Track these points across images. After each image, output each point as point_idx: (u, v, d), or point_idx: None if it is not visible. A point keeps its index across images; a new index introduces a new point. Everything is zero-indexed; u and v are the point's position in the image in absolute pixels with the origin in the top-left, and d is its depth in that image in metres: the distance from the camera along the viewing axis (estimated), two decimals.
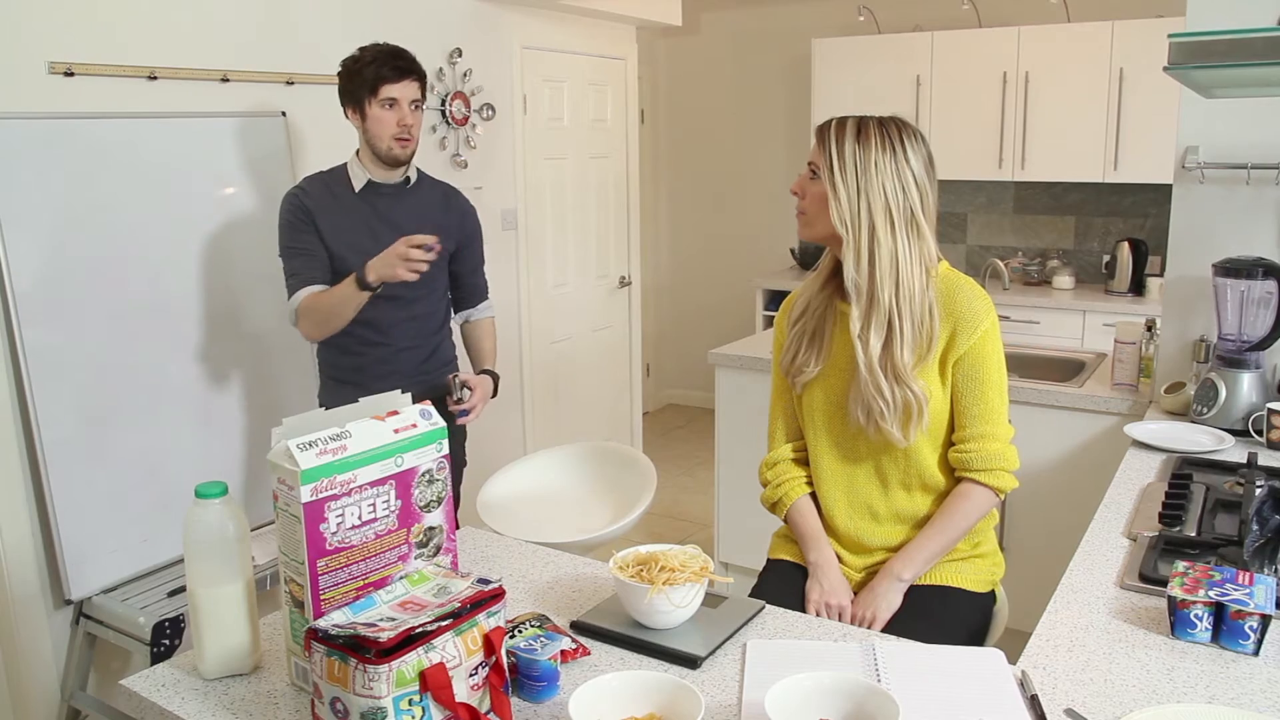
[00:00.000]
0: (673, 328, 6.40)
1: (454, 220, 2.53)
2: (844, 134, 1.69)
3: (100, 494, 2.52)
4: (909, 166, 1.68)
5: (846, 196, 1.67)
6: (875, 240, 1.67)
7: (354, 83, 2.36)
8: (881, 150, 1.67)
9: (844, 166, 1.67)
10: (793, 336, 1.84)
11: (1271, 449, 2.24)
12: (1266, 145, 2.44)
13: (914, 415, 1.69)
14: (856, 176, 1.67)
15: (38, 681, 2.54)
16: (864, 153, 1.67)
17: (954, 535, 1.76)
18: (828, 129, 1.71)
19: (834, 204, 1.68)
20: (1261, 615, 1.33)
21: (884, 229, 1.67)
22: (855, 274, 1.69)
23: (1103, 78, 4.53)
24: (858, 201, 1.67)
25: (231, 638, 1.32)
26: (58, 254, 2.44)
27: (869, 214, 1.67)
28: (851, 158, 1.67)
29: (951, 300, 1.72)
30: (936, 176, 1.74)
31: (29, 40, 2.43)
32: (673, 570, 1.41)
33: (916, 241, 1.68)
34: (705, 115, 6.09)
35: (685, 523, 4.54)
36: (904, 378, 1.68)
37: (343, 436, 1.25)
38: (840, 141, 1.69)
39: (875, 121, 1.70)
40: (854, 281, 1.70)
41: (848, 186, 1.67)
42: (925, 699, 1.24)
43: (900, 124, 1.71)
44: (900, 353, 1.68)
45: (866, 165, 1.66)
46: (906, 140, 1.69)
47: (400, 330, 2.47)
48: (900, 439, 1.71)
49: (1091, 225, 5.02)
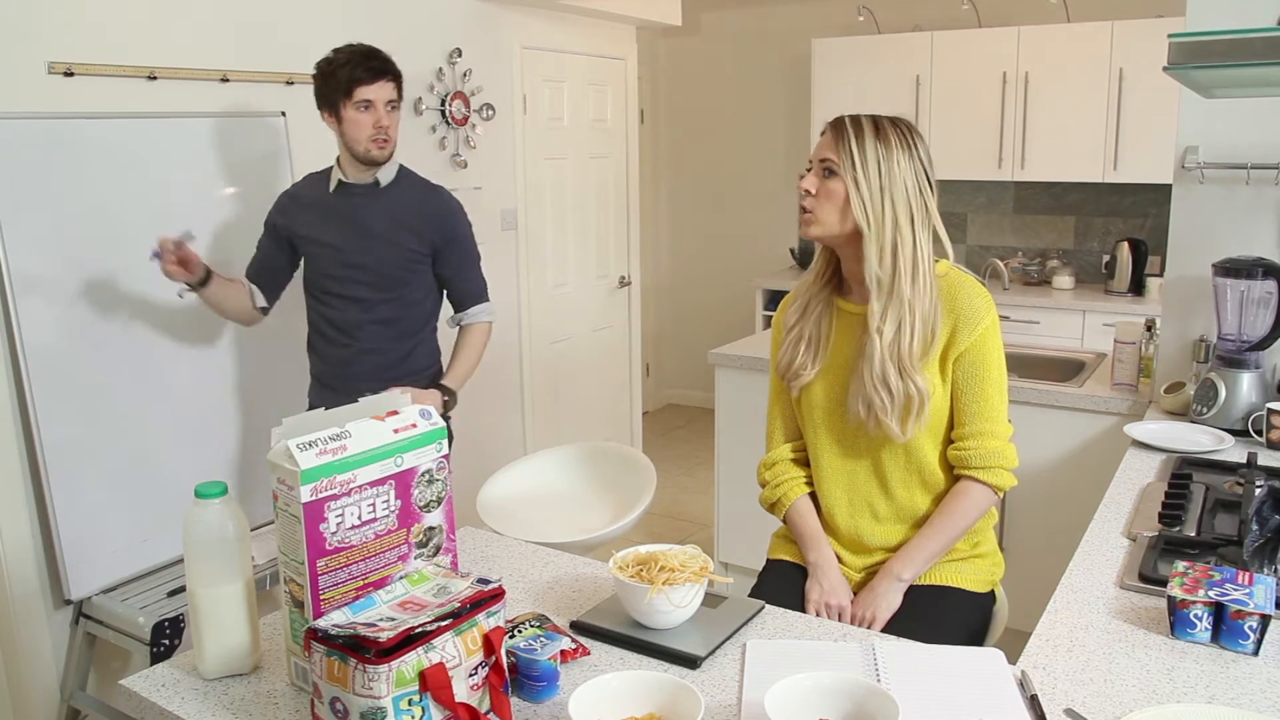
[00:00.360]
0: (673, 328, 6.40)
1: (428, 222, 2.44)
2: (863, 132, 1.70)
3: (100, 494, 2.52)
4: (922, 165, 1.71)
5: (869, 192, 1.69)
6: (899, 234, 1.69)
7: (328, 86, 2.35)
8: (901, 149, 1.69)
9: (866, 163, 1.69)
10: (789, 341, 1.85)
11: (1271, 449, 2.24)
12: (1266, 145, 2.44)
13: (914, 410, 1.70)
14: (880, 174, 1.68)
15: (38, 681, 2.54)
16: (885, 150, 1.69)
17: (953, 534, 1.76)
18: (844, 127, 1.72)
19: (856, 200, 1.69)
20: (1261, 615, 1.33)
21: (906, 224, 1.69)
22: (879, 269, 1.70)
23: (1103, 78, 4.53)
24: (881, 198, 1.69)
25: (231, 638, 1.32)
26: (58, 254, 2.44)
27: (893, 209, 1.69)
28: (874, 154, 1.69)
29: (953, 298, 1.73)
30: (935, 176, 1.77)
31: (29, 40, 2.43)
32: (673, 570, 1.42)
33: (929, 236, 1.71)
34: (705, 115, 6.09)
35: (685, 523, 4.54)
36: (909, 371, 1.69)
37: (342, 436, 1.25)
38: (861, 139, 1.70)
39: (889, 120, 1.72)
40: (876, 276, 1.70)
41: (870, 183, 1.69)
42: (925, 699, 1.24)
43: (909, 124, 1.74)
44: (910, 345, 1.70)
45: (889, 162, 1.69)
46: (916, 140, 1.72)
47: (364, 333, 2.46)
48: (899, 434, 1.71)
49: (1091, 225, 5.02)
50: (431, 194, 2.49)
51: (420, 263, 2.44)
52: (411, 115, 3.56)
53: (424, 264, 2.45)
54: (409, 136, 3.54)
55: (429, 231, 2.44)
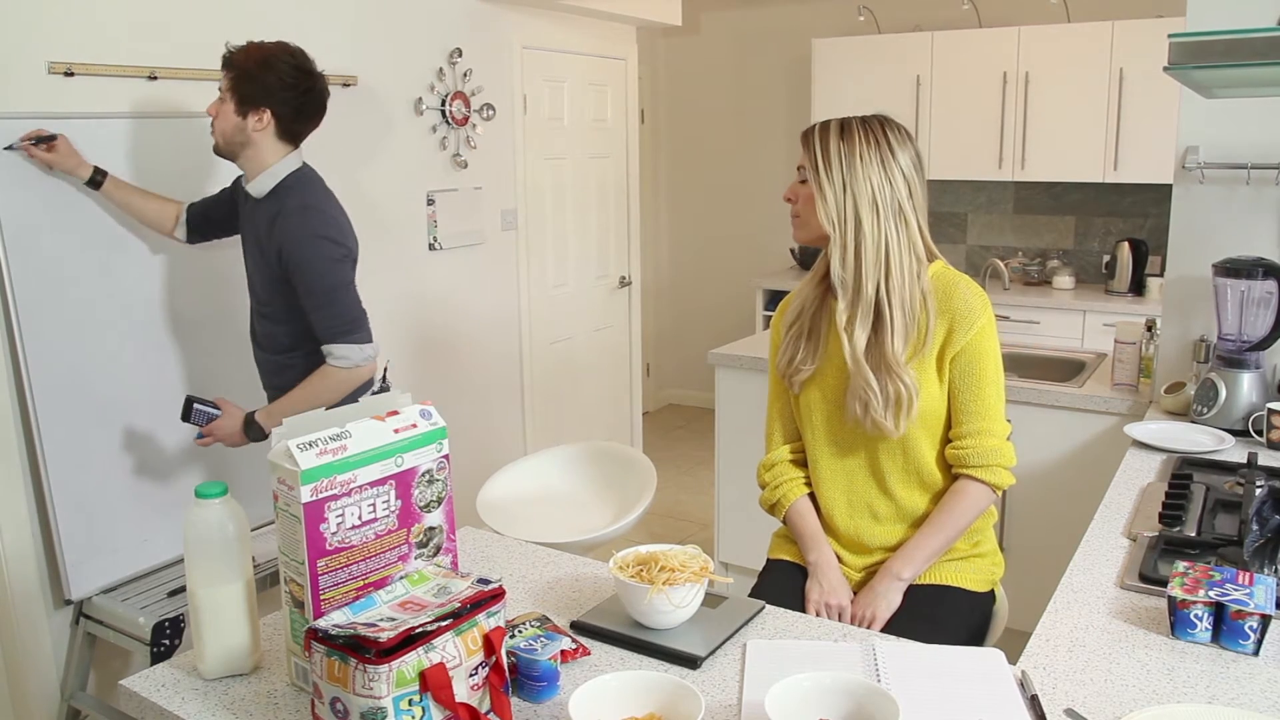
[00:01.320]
0: (673, 328, 6.40)
1: (274, 244, 2.24)
2: (828, 134, 1.71)
3: (100, 494, 2.52)
4: (895, 161, 1.70)
5: (833, 194, 1.70)
6: (860, 233, 1.69)
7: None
8: (866, 145, 1.69)
9: (829, 165, 1.70)
10: (788, 338, 1.85)
11: (1271, 449, 2.24)
12: (1266, 145, 2.44)
13: (904, 405, 1.70)
14: (842, 173, 1.69)
15: (38, 681, 2.54)
16: (848, 149, 1.69)
17: (952, 533, 1.76)
18: (812, 132, 1.74)
19: (820, 203, 1.71)
20: (1261, 615, 1.33)
21: (869, 221, 1.68)
22: (841, 269, 1.71)
23: (1103, 78, 4.53)
24: (844, 197, 1.69)
25: (231, 638, 1.32)
26: (58, 254, 2.44)
27: (854, 208, 1.69)
28: (836, 155, 1.69)
29: (948, 297, 1.73)
30: (925, 174, 1.75)
31: (29, 40, 2.43)
32: (673, 570, 1.42)
33: (904, 230, 1.70)
34: (705, 115, 6.09)
35: (685, 523, 4.54)
36: (894, 368, 1.69)
37: (343, 436, 1.25)
38: (825, 141, 1.71)
39: (858, 121, 1.72)
40: (839, 277, 1.72)
41: (833, 184, 1.69)
42: (925, 699, 1.24)
43: (884, 121, 1.73)
44: (891, 341, 1.69)
45: (852, 161, 1.69)
46: (892, 136, 1.71)
47: (255, 340, 2.46)
48: (891, 429, 1.71)
49: (1091, 225, 5.02)
50: (282, 216, 2.24)
51: (280, 284, 2.28)
52: (412, 115, 3.56)
53: (284, 286, 2.28)
54: (410, 137, 3.55)
55: (273, 255, 2.26)
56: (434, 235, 3.69)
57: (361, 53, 3.33)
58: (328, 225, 2.26)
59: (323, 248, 2.23)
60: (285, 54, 2.26)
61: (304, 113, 2.29)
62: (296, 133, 2.31)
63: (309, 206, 2.26)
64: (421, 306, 3.68)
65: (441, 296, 3.75)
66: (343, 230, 2.30)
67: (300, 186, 2.29)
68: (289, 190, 2.28)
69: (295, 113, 2.27)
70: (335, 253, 2.25)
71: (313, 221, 2.24)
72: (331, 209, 2.31)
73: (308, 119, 2.31)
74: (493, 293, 4.05)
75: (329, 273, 2.23)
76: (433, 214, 3.68)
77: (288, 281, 2.26)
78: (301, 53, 2.30)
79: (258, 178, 2.29)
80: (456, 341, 3.84)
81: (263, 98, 2.23)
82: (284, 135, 2.28)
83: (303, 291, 2.24)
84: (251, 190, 2.31)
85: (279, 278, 2.27)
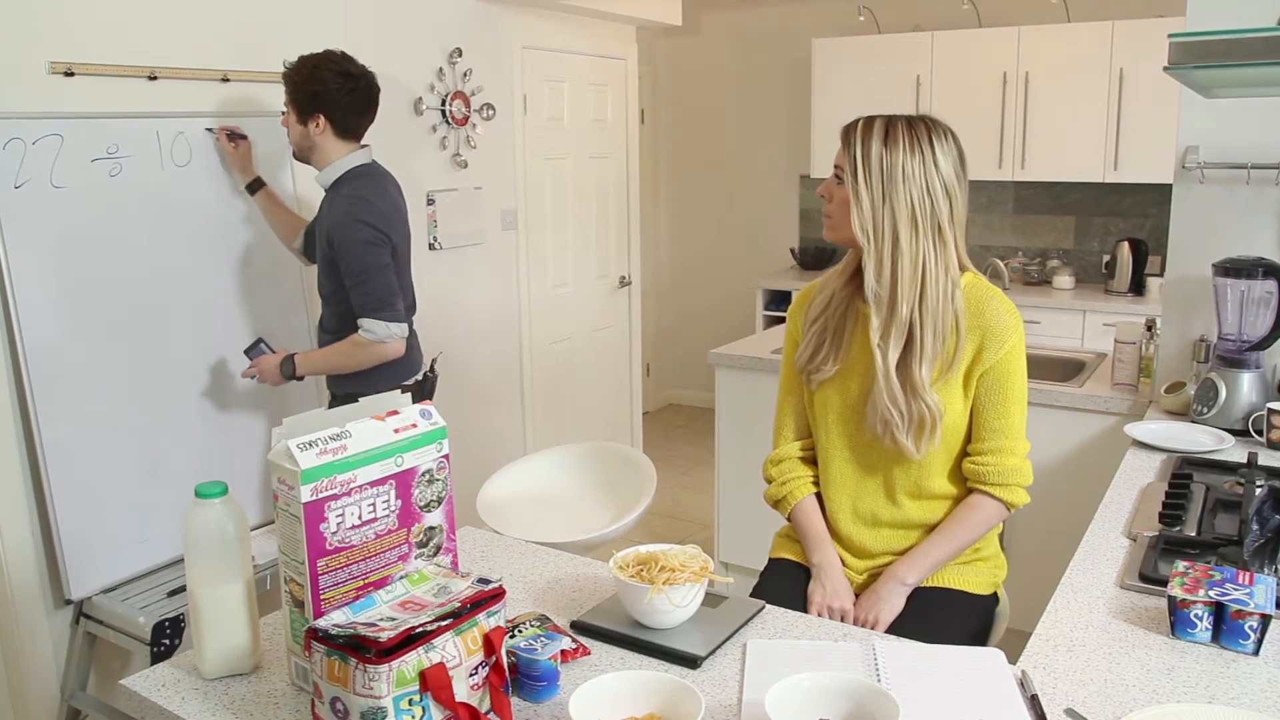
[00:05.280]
0: (673, 328, 6.40)
1: (324, 229, 2.52)
2: (870, 136, 1.62)
3: (100, 494, 2.52)
4: (938, 171, 1.62)
5: (870, 203, 1.62)
6: (898, 249, 1.62)
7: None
8: (910, 154, 1.60)
9: (869, 172, 1.61)
10: (811, 333, 1.79)
11: (1271, 449, 2.24)
12: (1266, 145, 2.44)
13: (927, 428, 1.66)
14: (882, 183, 1.61)
15: (38, 681, 2.54)
16: (890, 157, 1.60)
17: (960, 544, 1.75)
18: (854, 130, 1.65)
19: (856, 211, 1.63)
20: (1261, 615, 1.33)
21: (907, 237, 1.61)
22: (876, 284, 1.65)
23: (1103, 78, 4.53)
24: (882, 209, 1.61)
25: (231, 638, 1.32)
26: (58, 254, 2.44)
27: (892, 222, 1.61)
28: (877, 162, 1.61)
29: (979, 313, 1.68)
30: (968, 176, 1.68)
31: (29, 40, 2.42)
32: (673, 570, 1.41)
33: (942, 249, 1.64)
34: (705, 115, 6.09)
35: (685, 523, 4.54)
36: (920, 391, 1.65)
37: (343, 436, 1.25)
38: (866, 144, 1.62)
39: (904, 122, 1.63)
40: (874, 292, 1.65)
41: (871, 193, 1.61)
42: (925, 699, 1.24)
43: (930, 124, 1.64)
44: (918, 368, 1.64)
45: (893, 171, 1.60)
46: (936, 142, 1.62)
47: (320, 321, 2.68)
48: (912, 451, 1.68)
49: (1091, 225, 5.02)
50: (334, 203, 2.52)
51: (331, 266, 2.52)
52: (412, 115, 3.56)
53: (333, 268, 2.51)
54: (411, 136, 3.55)
55: (324, 238, 2.51)
56: (434, 235, 3.69)
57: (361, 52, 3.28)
58: (369, 212, 2.47)
59: (361, 231, 2.44)
60: (329, 62, 2.49)
61: (354, 110, 2.52)
62: (353, 129, 2.55)
63: (356, 195, 2.49)
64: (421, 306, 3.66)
65: (441, 296, 3.75)
66: (384, 219, 2.49)
67: (357, 178, 2.53)
68: (346, 182, 2.53)
69: (346, 112, 2.51)
70: (372, 236, 2.45)
71: (357, 207, 2.46)
72: (379, 200, 2.51)
73: (359, 115, 2.55)
74: (493, 293, 4.05)
75: (365, 254, 2.44)
76: (433, 214, 3.68)
77: (335, 263, 2.48)
78: (343, 56, 2.52)
79: (323, 172, 2.55)
80: (456, 341, 3.84)
81: (316, 106, 2.49)
82: (342, 134, 2.53)
83: (344, 270, 2.47)
84: (320, 183, 2.57)
85: (330, 260, 2.50)
